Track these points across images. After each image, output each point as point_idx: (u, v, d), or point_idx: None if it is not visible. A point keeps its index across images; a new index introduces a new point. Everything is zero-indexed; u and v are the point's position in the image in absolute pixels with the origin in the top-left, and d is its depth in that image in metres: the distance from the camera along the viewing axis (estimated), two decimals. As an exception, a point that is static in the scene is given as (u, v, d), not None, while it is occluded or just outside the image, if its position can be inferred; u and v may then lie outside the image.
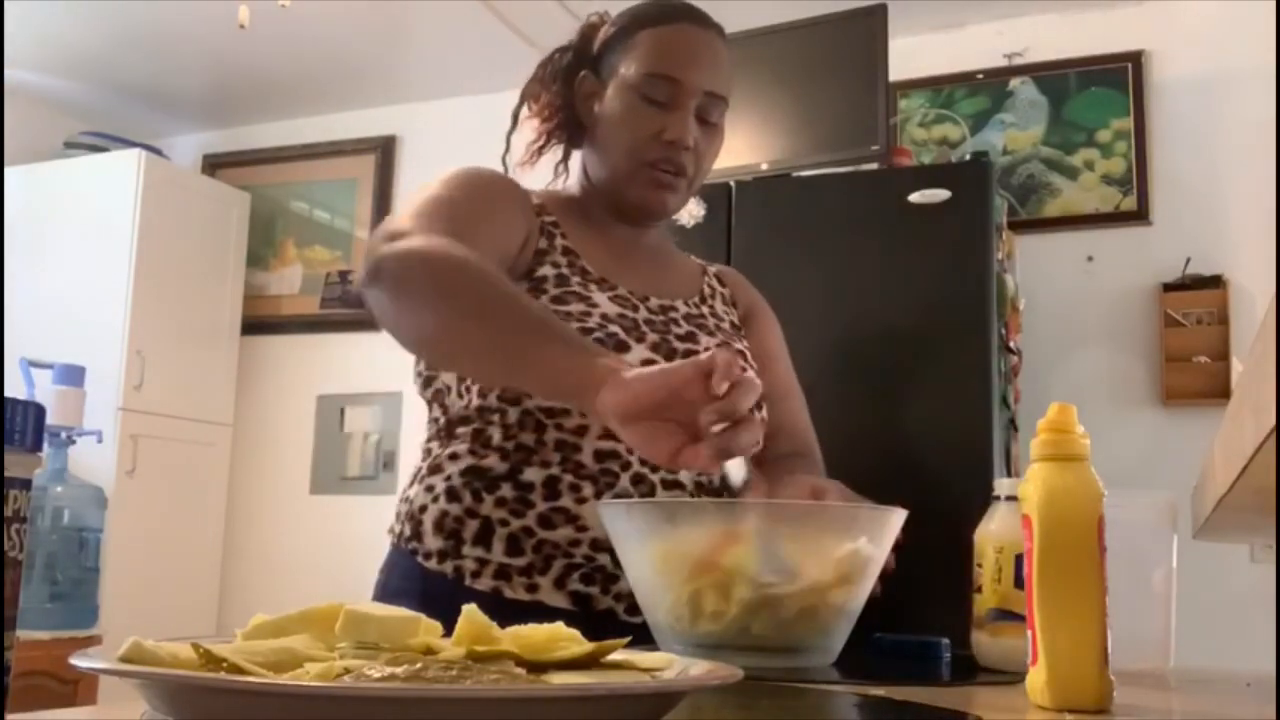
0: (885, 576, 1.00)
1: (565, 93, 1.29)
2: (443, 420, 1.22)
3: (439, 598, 1.10)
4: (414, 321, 1.05)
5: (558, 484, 1.14)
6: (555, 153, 1.34)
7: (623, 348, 1.14)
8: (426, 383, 1.25)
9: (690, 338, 1.23)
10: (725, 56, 1.26)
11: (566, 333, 0.99)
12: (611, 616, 1.14)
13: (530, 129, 1.32)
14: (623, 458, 1.14)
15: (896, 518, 0.96)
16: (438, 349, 1.10)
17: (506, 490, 1.15)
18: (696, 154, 1.24)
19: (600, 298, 1.19)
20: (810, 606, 0.91)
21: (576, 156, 1.33)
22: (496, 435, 1.16)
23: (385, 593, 1.20)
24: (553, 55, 1.32)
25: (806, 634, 0.92)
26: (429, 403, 1.25)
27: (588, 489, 1.13)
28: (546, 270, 1.20)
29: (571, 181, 1.34)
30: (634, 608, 1.13)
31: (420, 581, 1.16)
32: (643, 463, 1.15)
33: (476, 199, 1.18)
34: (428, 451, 1.24)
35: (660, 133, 1.21)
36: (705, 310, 1.32)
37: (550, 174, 1.35)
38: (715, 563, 0.89)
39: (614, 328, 1.16)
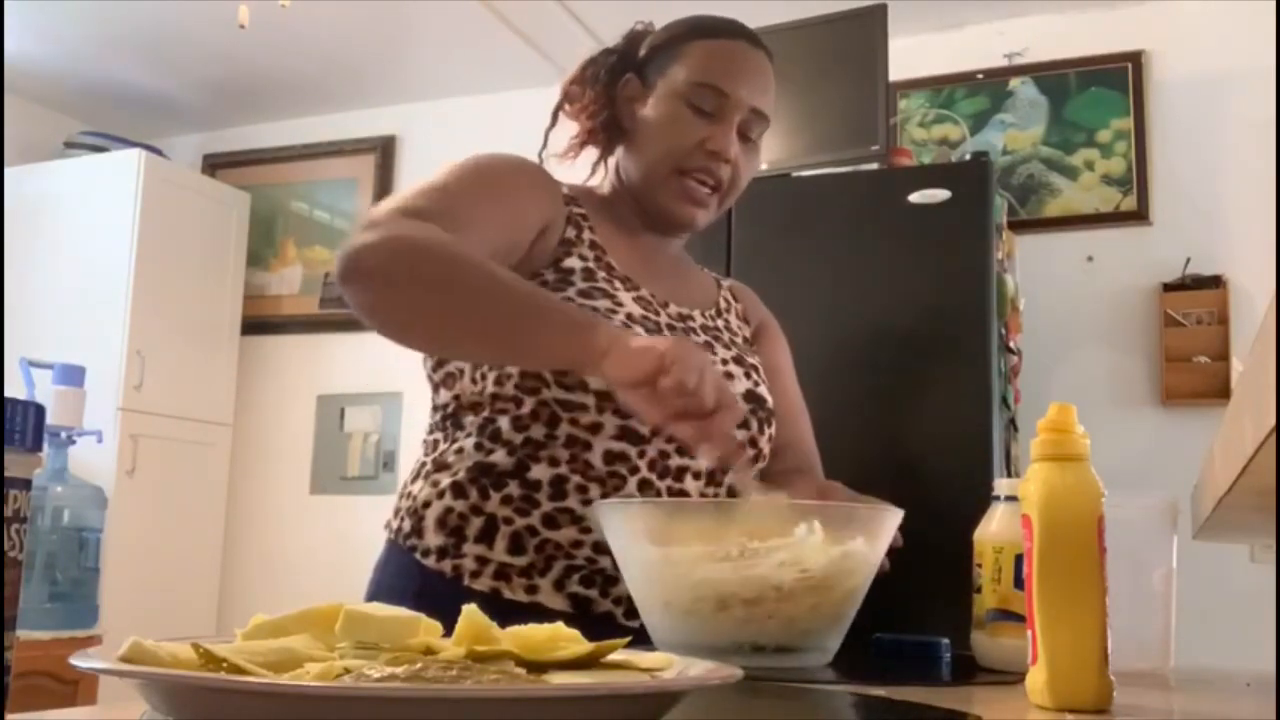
0: (892, 552, 1.00)
1: (608, 94, 1.29)
2: (451, 406, 1.21)
3: (436, 597, 1.09)
4: (399, 313, 1.06)
5: (565, 484, 1.13)
6: (591, 154, 1.33)
7: None
8: (438, 365, 1.22)
9: (707, 348, 1.23)
10: (772, 79, 1.27)
11: (560, 304, 1.05)
12: (610, 620, 1.14)
13: (570, 127, 1.32)
14: (631, 461, 1.14)
15: (894, 517, 0.96)
16: (427, 336, 1.10)
17: (513, 488, 1.14)
18: (734, 169, 1.25)
19: (625, 297, 1.19)
20: (815, 603, 0.91)
21: (611, 159, 1.33)
22: (506, 426, 1.15)
23: (379, 590, 1.19)
24: (597, 56, 1.32)
25: (805, 634, 0.92)
26: (437, 386, 1.23)
27: (595, 491, 1.13)
28: (574, 263, 1.19)
29: (604, 182, 1.33)
30: (632, 611, 1.13)
31: (417, 580, 1.15)
32: (650, 468, 1.15)
33: (476, 184, 1.16)
34: (432, 444, 1.23)
35: (703, 142, 1.21)
36: (720, 323, 1.32)
37: (584, 175, 1.35)
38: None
39: (638, 329, 1.16)
